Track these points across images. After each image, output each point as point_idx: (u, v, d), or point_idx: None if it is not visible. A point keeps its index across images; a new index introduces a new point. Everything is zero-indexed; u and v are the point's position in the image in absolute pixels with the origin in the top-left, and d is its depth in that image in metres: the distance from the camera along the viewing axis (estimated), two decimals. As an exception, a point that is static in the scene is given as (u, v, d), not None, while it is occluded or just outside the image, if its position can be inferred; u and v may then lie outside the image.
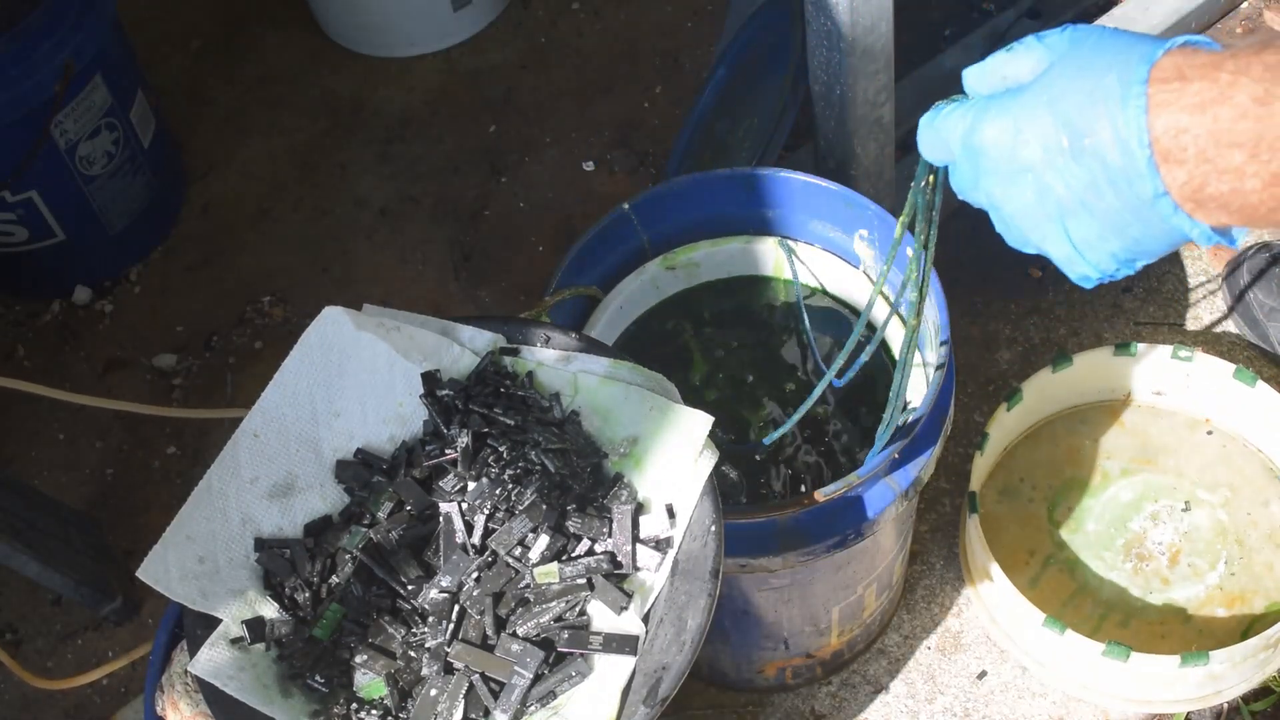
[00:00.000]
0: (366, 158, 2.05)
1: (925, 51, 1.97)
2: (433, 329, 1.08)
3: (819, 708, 1.47)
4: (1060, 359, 1.51)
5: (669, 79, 2.08)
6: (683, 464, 0.99)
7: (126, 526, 1.69)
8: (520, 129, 2.05)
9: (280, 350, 1.07)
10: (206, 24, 2.27)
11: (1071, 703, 1.44)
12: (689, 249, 1.32)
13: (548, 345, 1.08)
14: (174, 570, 0.99)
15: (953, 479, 1.60)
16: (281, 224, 1.99)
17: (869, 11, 1.35)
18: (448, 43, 2.17)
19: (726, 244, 1.33)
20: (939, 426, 1.19)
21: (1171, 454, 1.55)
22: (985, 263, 1.79)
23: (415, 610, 0.98)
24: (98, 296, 1.94)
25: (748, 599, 1.27)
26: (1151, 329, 1.68)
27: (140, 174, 1.90)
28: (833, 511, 1.14)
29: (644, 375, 1.04)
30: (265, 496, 1.03)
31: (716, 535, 0.97)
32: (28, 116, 1.68)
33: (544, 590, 0.96)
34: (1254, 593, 1.45)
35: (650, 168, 1.96)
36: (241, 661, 0.96)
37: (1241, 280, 1.64)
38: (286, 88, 2.16)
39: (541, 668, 0.94)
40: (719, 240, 1.32)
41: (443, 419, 1.04)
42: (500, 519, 0.99)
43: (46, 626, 1.64)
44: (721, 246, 1.33)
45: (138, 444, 1.77)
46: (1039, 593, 1.47)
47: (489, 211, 1.96)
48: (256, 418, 1.05)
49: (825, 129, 1.51)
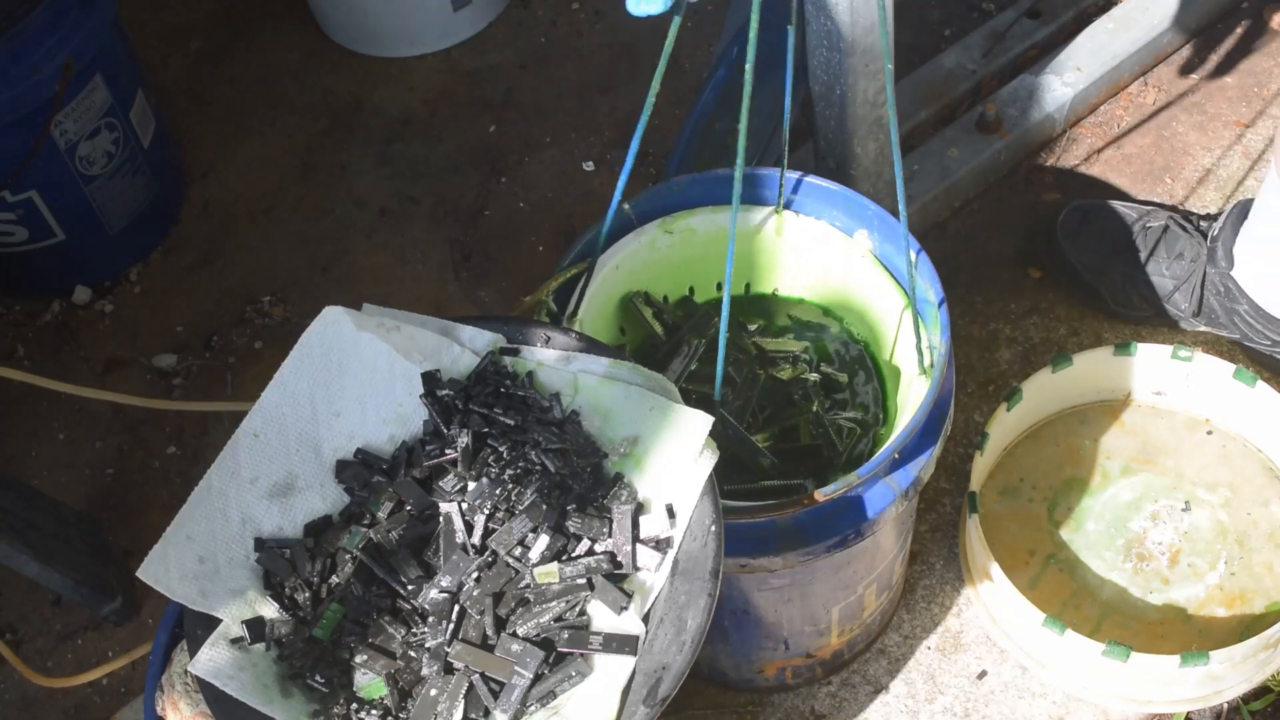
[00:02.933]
0: (366, 158, 2.05)
1: (925, 51, 1.97)
2: (433, 329, 1.08)
3: (819, 708, 1.47)
4: (1060, 359, 1.52)
5: (669, 79, 2.07)
6: (683, 464, 0.99)
7: (126, 526, 1.69)
8: (520, 129, 2.05)
9: (280, 350, 1.07)
10: (206, 24, 2.27)
11: (1071, 703, 1.44)
12: (688, 214, 1.31)
13: (548, 345, 1.08)
14: (174, 570, 0.99)
15: (953, 479, 1.60)
16: (281, 224, 1.99)
17: (869, 11, 1.35)
18: (448, 43, 2.17)
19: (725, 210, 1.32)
20: (939, 426, 1.19)
21: (1171, 454, 1.55)
22: (985, 263, 1.79)
23: (415, 610, 0.98)
24: (98, 296, 1.94)
25: (748, 599, 1.27)
26: (1151, 329, 1.68)
27: (140, 174, 1.90)
28: (833, 511, 1.14)
29: (644, 375, 1.04)
30: (265, 496, 1.03)
31: (716, 535, 0.97)
32: (28, 116, 1.68)
33: (544, 590, 0.96)
34: (1254, 593, 1.45)
35: (650, 168, 1.96)
36: (241, 661, 0.96)
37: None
38: (286, 88, 2.16)
39: (541, 668, 0.94)
40: (718, 208, 1.32)
41: (443, 419, 1.04)
42: (500, 519, 0.99)
43: (46, 626, 1.64)
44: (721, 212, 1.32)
45: (138, 444, 1.77)
46: (1039, 593, 1.47)
47: (489, 211, 1.96)
48: (256, 418, 1.05)
49: (825, 129, 1.51)
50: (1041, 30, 1.94)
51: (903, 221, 1.16)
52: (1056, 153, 1.89)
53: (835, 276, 1.32)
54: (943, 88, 1.89)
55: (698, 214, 1.30)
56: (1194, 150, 1.87)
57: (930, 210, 1.80)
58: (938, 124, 1.88)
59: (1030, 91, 1.86)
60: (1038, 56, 1.93)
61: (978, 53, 1.92)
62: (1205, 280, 1.60)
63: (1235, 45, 1.98)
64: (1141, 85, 1.95)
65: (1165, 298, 1.63)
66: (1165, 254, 1.63)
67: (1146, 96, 1.94)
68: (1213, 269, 1.59)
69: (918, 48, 2.00)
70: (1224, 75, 1.95)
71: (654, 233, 1.30)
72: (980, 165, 1.82)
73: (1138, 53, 1.91)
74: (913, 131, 1.86)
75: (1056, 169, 1.88)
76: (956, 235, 1.83)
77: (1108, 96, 1.93)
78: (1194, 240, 1.62)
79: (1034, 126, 1.85)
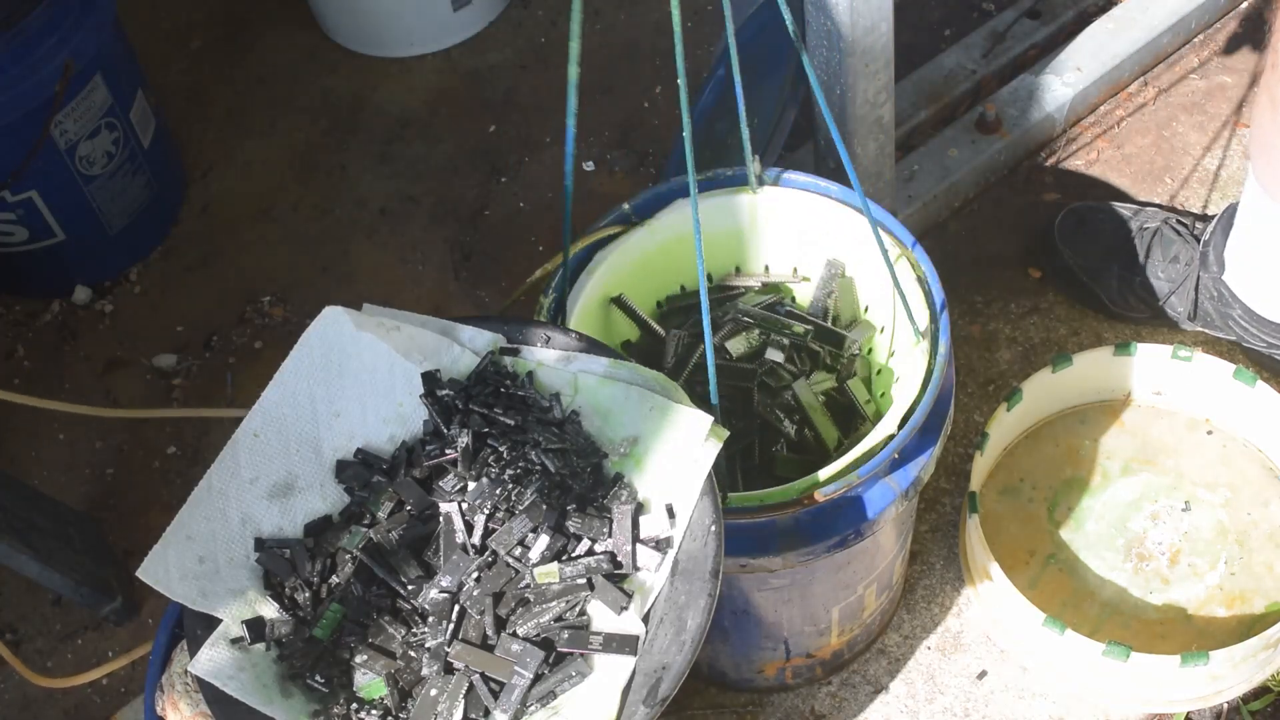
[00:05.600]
0: (366, 158, 2.05)
1: (925, 51, 1.97)
2: (433, 329, 1.08)
3: (819, 708, 1.47)
4: (1060, 359, 1.52)
5: (669, 79, 2.08)
6: (683, 464, 0.99)
7: (126, 526, 1.69)
8: (520, 129, 2.05)
9: (280, 350, 1.07)
10: (206, 24, 2.27)
11: (1071, 702, 1.44)
12: (665, 210, 1.29)
13: (548, 345, 1.08)
14: (174, 570, 0.99)
15: (953, 479, 1.60)
16: (281, 224, 1.99)
17: (869, 11, 1.35)
18: (448, 43, 2.17)
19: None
20: (939, 426, 1.19)
21: (1171, 454, 1.55)
22: (985, 263, 1.79)
23: (415, 610, 0.98)
24: (98, 296, 1.94)
25: (748, 599, 1.27)
26: (1151, 329, 1.68)
27: (140, 174, 1.90)
28: (833, 511, 1.14)
29: (644, 375, 1.04)
30: (265, 496, 1.03)
31: (716, 535, 0.97)
32: (28, 116, 1.68)
33: (544, 590, 0.96)
34: (1254, 593, 1.45)
35: (650, 168, 1.96)
36: (241, 661, 0.96)
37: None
38: (286, 88, 2.16)
39: (541, 668, 0.94)
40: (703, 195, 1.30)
41: (443, 419, 1.04)
42: (500, 519, 0.99)
43: (46, 626, 1.64)
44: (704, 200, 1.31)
45: (138, 444, 1.77)
46: (1039, 593, 1.47)
47: (489, 211, 1.96)
48: (256, 418, 1.05)
49: (825, 129, 1.51)
50: (1041, 30, 1.94)
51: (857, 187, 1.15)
52: (1056, 153, 1.89)
53: (817, 240, 1.32)
54: (943, 88, 1.89)
55: (675, 208, 1.29)
56: (1194, 150, 1.87)
57: (930, 210, 1.80)
58: (938, 124, 1.88)
59: (1030, 91, 1.86)
60: (1038, 56, 1.93)
61: (978, 53, 1.92)
62: (1199, 284, 1.60)
63: (1235, 45, 1.98)
64: (1141, 85, 1.95)
65: (1162, 300, 1.63)
66: (1161, 256, 1.63)
67: (1146, 96, 1.94)
68: (1205, 273, 1.59)
69: (918, 48, 2.00)
70: (1224, 75, 1.95)
71: (640, 233, 1.30)
72: (980, 165, 1.82)
73: (1138, 53, 1.91)
74: (913, 131, 1.86)
75: (1056, 169, 1.88)
76: (956, 235, 1.83)
77: (1108, 96, 1.93)
78: (1189, 243, 1.62)
79: (1034, 126, 1.85)
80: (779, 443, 1.25)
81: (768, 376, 1.27)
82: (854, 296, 1.32)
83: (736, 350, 1.29)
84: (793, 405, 1.27)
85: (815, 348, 1.29)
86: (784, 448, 1.25)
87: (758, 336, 1.30)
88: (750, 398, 1.25)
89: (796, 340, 1.30)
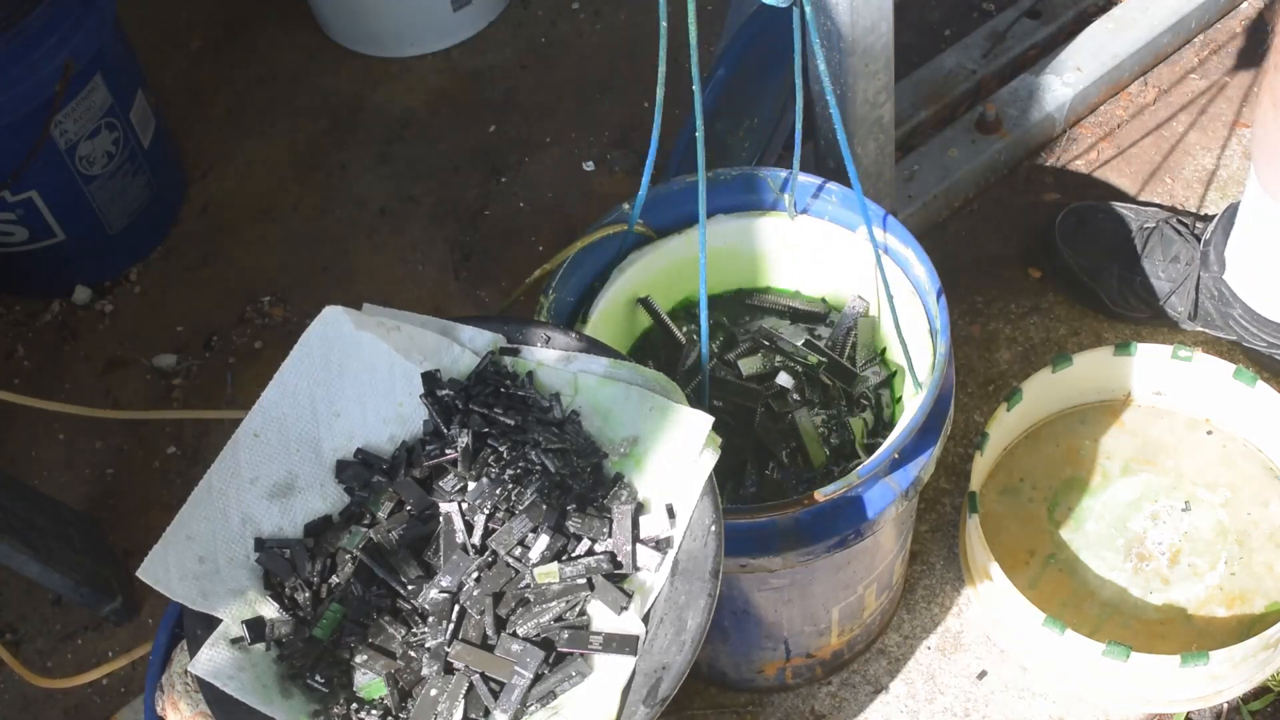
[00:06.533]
0: (366, 158, 2.05)
1: (925, 51, 1.97)
2: (433, 329, 1.08)
3: (819, 708, 1.47)
4: (1060, 359, 1.52)
5: (669, 79, 2.07)
6: (683, 464, 0.99)
7: (126, 526, 1.69)
8: (520, 129, 2.05)
9: (280, 350, 1.07)
10: (206, 24, 2.27)
11: (1071, 703, 1.44)
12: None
13: (548, 345, 1.08)
14: (174, 570, 0.99)
15: (953, 479, 1.60)
16: (281, 224, 1.99)
17: (869, 11, 1.35)
18: (448, 43, 2.17)
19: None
20: (939, 426, 1.19)
21: (1171, 454, 1.55)
22: (985, 263, 1.79)
23: (415, 610, 0.98)
24: (98, 296, 1.94)
25: (748, 599, 1.27)
26: (1151, 329, 1.68)
27: (140, 174, 1.90)
28: (833, 511, 1.14)
29: (644, 375, 1.04)
30: (265, 496, 1.03)
31: (716, 535, 0.97)
32: (28, 116, 1.68)
33: (544, 590, 0.96)
34: (1254, 593, 1.45)
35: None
36: (241, 661, 0.96)
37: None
38: (286, 88, 2.16)
39: (541, 668, 0.94)
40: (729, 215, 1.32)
41: (443, 419, 1.04)
42: (500, 519, 0.99)
43: (46, 626, 1.64)
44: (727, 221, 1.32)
45: (138, 444, 1.77)
46: (1039, 593, 1.47)
47: (489, 211, 1.96)
48: (256, 417, 1.05)
49: (825, 129, 1.51)
50: (1041, 30, 1.94)
51: (856, 189, 1.16)
52: (1056, 153, 1.89)
53: (838, 271, 1.32)
54: (943, 88, 1.89)
55: (716, 221, 1.30)
56: (1194, 150, 1.87)
57: (930, 210, 1.80)
58: (938, 124, 1.88)
59: (1030, 91, 1.86)
60: (1038, 56, 1.93)
61: (978, 53, 1.92)
62: (1200, 283, 1.60)
63: (1235, 45, 1.98)
64: (1141, 85, 1.95)
65: (1162, 299, 1.63)
66: (1161, 256, 1.63)
67: (1146, 96, 1.94)
68: (1206, 273, 1.59)
69: (918, 48, 2.00)
70: (1224, 75, 1.95)
71: (676, 240, 1.30)
72: (980, 165, 1.82)
73: (1138, 53, 1.91)
74: (913, 131, 1.86)
75: (1056, 169, 1.88)
76: (956, 235, 1.83)
77: (1108, 96, 1.93)
78: (1189, 243, 1.62)
79: (1034, 126, 1.85)
80: (770, 467, 1.25)
81: (774, 400, 1.27)
82: (874, 337, 1.32)
83: (748, 369, 1.29)
84: (790, 432, 1.26)
85: (826, 380, 1.29)
86: (775, 471, 1.24)
87: (774, 360, 1.30)
88: (752, 417, 1.25)
89: (809, 370, 1.30)
